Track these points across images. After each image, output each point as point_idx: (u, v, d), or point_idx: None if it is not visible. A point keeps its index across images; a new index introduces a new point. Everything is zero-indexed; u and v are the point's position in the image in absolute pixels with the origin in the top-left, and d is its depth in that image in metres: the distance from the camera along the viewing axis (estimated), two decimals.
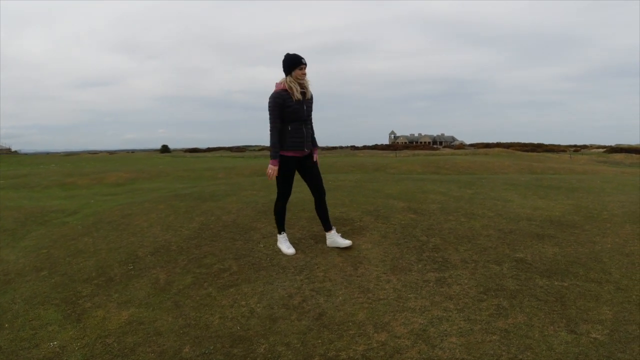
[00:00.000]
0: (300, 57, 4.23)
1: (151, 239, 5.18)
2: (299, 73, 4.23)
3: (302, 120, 4.30)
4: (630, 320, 3.14)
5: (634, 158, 48.47)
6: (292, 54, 4.25)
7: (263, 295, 3.69)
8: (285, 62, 4.25)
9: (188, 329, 3.33)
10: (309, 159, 4.48)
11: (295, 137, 4.30)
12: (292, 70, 4.22)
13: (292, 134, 4.28)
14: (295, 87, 4.23)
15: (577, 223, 5.20)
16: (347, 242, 4.50)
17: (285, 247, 4.51)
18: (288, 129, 4.27)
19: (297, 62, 4.22)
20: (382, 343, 2.97)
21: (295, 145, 4.30)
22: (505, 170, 22.42)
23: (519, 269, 3.93)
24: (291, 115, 4.23)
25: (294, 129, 4.28)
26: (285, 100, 4.20)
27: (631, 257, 4.18)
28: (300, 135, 4.31)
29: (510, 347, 2.85)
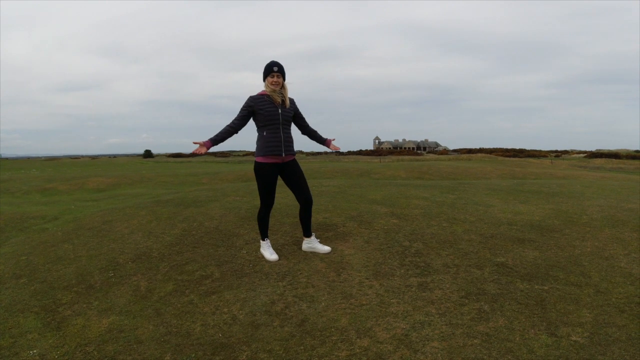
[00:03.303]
0: (272, 65, 4.20)
1: (132, 245, 5.12)
2: (270, 81, 4.20)
3: (276, 124, 4.22)
4: (610, 322, 3.18)
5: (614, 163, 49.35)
6: (269, 62, 4.23)
7: (245, 302, 3.67)
8: (264, 69, 4.26)
9: (169, 337, 3.29)
10: (290, 165, 4.38)
11: (271, 141, 4.22)
12: (265, 78, 4.23)
13: (268, 138, 4.21)
14: (272, 92, 4.21)
15: (557, 227, 5.27)
16: (326, 248, 4.46)
17: (268, 253, 4.46)
18: (264, 134, 4.22)
19: (267, 70, 4.22)
20: (364, 349, 2.97)
21: (271, 150, 4.22)
22: (487, 176, 22.65)
23: (500, 273, 3.97)
24: (265, 118, 4.17)
25: (270, 133, 4.21)
26: (257, 103, 4.18)
27: (610, 261, 4.25)
28: (276, 139, 4.23)
29: (492, 351, 2.87)
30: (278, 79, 4.21)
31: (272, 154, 4.23)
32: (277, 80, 4.20)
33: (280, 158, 4.28)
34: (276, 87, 4.21)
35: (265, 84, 4.23)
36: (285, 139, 4.29)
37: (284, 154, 4.28)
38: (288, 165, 4.37)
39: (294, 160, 4.44)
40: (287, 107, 4.29)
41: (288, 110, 4.31)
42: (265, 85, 4.24)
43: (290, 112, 4.33)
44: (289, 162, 4.37)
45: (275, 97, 4.20)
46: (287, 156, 4.32)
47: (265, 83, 4.24)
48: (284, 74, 4.27)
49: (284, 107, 4.26)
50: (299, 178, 4.38)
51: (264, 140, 4.22)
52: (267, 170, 4.27)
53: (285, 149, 4.29)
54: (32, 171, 34.44)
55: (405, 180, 16.10)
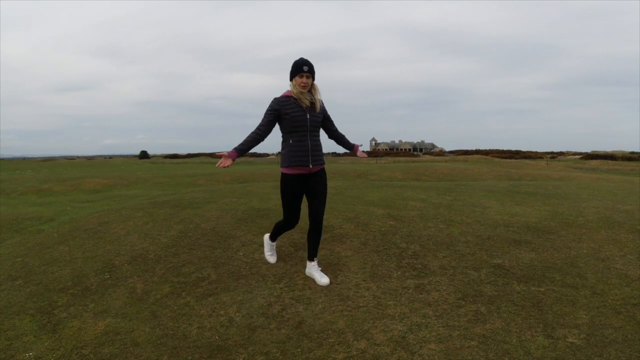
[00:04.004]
0: (302, 64, 3.74)
1: (128, 247, 5.10)
2: (299, 82, 3.75)
3: (304, 130, 3.78)
4: (606, 324, 3.19)
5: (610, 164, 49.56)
6: (298, 59, 3.79)
7: (242, 304, 3.66)
8: (291, 67, 3.82)
9: (165, 340, 3.28)
10: (316, 176, 3.93)
11: (298, 150, 3.79)
12: (293, 77, 3.79)
13: (294, 147, 3.78)
14: (299, 93, 3.78)
15: (553, 229, 5.29)
16: (324, 280, 3.91)
17: (269, 252, 4.33)
18: (289, 142, 3.80)
19: (296, 69, 3.76)
20: (361, 351, 2.97)
21: (298, 160, 3.79)
22: (483, 177, 22.71)
23: (497, 274, 3.98)
24: (291, 123, 3.75)
25: (296, 141, 3.78)
26: (283, 106, 3.75)
27: (606, 262, 4.26)
28: (303, 148, 3.79)
29: (488, 353, 2.87)
30: (307, 79, 3.77)
31: (298, 164, 3.80)
32: (307, 81, 3.77)
33: (307, 169, 3.85)
34: (305, 89, 3.78)
35: (292, 84, 3.80)
36: (313, 147, 3.85)
37: (311, 164, 3.84)
38: (314, 175, 3.94)
39: (322, 171, 4.00)
40: (317, 111, 3.87)
41: (317, 114, 3.87)
42: (291, 85, 3.81)
43: (319, 116, 3.89)
44: (316, 172, 3.94)
45: (303, 100, 3.77)
46: (315, 166, 3.89)
47: (292, 83, 3.80)
48: (313, 75, 3.82)
49: (312, 110, 3.83)
50: (319, 193, 3.94)
51: (290, 148, 3.81)
52: (292, 183, 3.86)
53: (313, 158, 3.85)
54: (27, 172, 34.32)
55: (401, 181, 16.12)
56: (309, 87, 3.80)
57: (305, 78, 3.75)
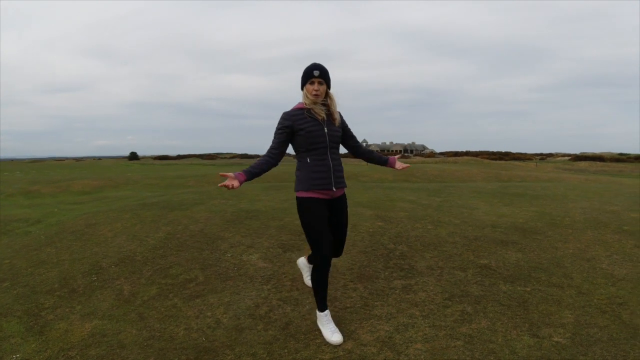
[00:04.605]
0: (312, 69, 3.17)
1: (116, 249, 5.07)
2: (310, 90, 3.17)
3: (322, 147, 3.18)
4: (592, 323, 3.21)
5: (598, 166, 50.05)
6: (309, 65, 3.22)
7: (229, 305, 3.65)
8: (302, 75, 3.25)
9: (152, 341, 3.27)
10: (338, 202, 3.30)
11: (318, 171, 3.18)
12: (304, 84, 3.21)
13: (313, 167, 3.17)
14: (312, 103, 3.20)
15: (540, 229, 5.33)
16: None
17: (328, 331, 3.17)
18: (307, 162, 3.19)
19: (306, 75, 3.19)
20: (348, 351, 2.97)
21: (320, 183, 3.17)
22: (473, 178, 22.83)
23: (483, 274, 4.00)
24: (307, 139, 3.15)
25: (315, 160, 3.17)
26: (296, 120, 3.16)
27: (592, 262, 4.30)
28: (324, 168, 3.18)
29: (474, 352, 2.89)
30: (320, 86, 3.18)
31: (320, 187, 3.18)
32: (319, 88, 3.18)
33: (329, 193, 3.23)
34: (317, 98, 3.19)
35: (304, 94, 3.22)
36: (335, 167, 3.24)
37: (334, 187, 3.22)
38: (337, 203, 3.31)
39: (344, 196, 3.40)
40: (336, 125, 3.28)
41: (336, 128, 3.28)
42: (303, 95, 3.23)
43: (338, 130, 3.30)
44: (339, 198, 3.32)
45: (317, 112, 3.19)
46: (337, 189, 3.26)
47: (303, 93, 3.23)
48: (328, 80, 3.23)
49: (330, 124, 3.25)
50: (343, 225, 3.36)
51: (308, 169, 3.18)
52: (315, 204, 3.18)
53: (336, 180, 3.23)
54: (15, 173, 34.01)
55: (391, 183, 16.18)
56: (322, 95, 3.21)
57: (317, 84, 3.17)
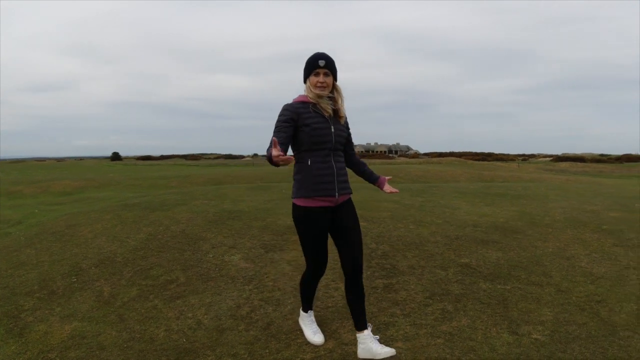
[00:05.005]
0: (317, 58, 2.83)
1: (96, 250, 5.02)
2: (314, 82, 2.82)
3: (327, 147, 2.83)
4: (570, 320, 3.26)
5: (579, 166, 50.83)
6: (313, 54, 2.87)
7: (211, 306, 3.63)
8: (304, 66, 2.91)
9: (132, 343, 3.24)
10: (343, 209, 2.94)
11: (321, 175, 2.82)
12: (307, 76, 2.87)
13: (315, 170, 2.81)
14: (317, 97, 2.84)
15: (521, 228, 5.39)
16: (387, 350, 2.82)
17: (310, 331, 3.15)
18: (307, 163, 2.82)
19: (310, 65, 2.85)
20: (329, 350, 2.98)
21: (322, 188, 2.81)
22: (456, 179, 23.01)
23: (464, 273, 4.04)
24: (310, 138, 2.78)
25: (317, 162, 2.82)
26: (301, 114, 2.79)
27: (571, 260, 4.36)
28: (328, 171, 2.83)
29: (454, 350, 2.91)
30: (326, 78, 2.83)
31: (322, 194, 2.81)
32: (325, 80, 2.83)
33: (332, 200, 2.86)
34: (323, 91, 2.84)
35: (307, 88, 2.87)
36: (338, 170, 2.89)
37: (337, 194, 2.86)
38: (341, 208, 2.94)
39: (350, 201, 3.01)
40: (342, 123, 2.96)
41: (343, 127, 2.95)
42: (306, 89, 2.88)
43: (344, 130, 2.96)
44: (343, 204, 2.95)
45: (324, 106, 2.84)
46: (341, 196, 2.90)
47: (306, 86, 2.88)
48: (334, 71, 2.88)
49: (337, 121, 2.91)
50: (351, 228, 2.94)
51: (308, 172, 2.82)
52: (315, 218, 2.85)
53: (340, 185, 2.87)
54: None
55: None
56: (329, 88, 2.86)
57: (323, 76, 2.82)
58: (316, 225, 2.86)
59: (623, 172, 42.98)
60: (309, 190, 2.81)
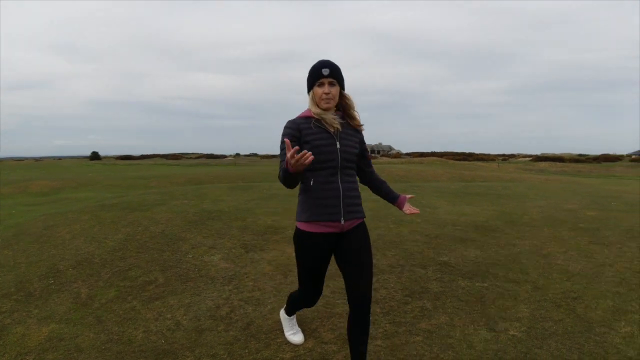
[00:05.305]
0: (320, 67, 2.51)
1: (73, 251, 4.94)
2: (319, 93, 2.50)
3: (332, 167, 2.49)
4: (547, 317, 3.31)
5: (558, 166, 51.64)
6: (316, 62, 2.55)
7: (190, 307, 3.60)
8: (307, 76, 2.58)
9: (110, 345, 3.20)
10: (352, 236, 2.55)
11: (323, 197, 2.48)
12: (311, 87, 2.54)
13: (317, 191, 2.48)
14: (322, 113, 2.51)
15: (499, 227, 5.46)
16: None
17: (290, 331, 3.09)
18: (310, 184, 2.50)
19: (313, 75, 2.53)
20: (309, 350, 2.97)
21: (324, 213, 2.47)
22: (438, 179, 23.20)
23: (443, 271, 4.07)
24: (314, 155, 2.25)
25: (321, 183, 2.48)
26: (303, 130, 2.49)
27: (548, 258, 4.43)
28: (332, 194, 2.48)
29: (433, 347, 2.93)
30: (332, 88, 2.51)
31: (325, 218, 2.47)
32: (330, 90, 2.50)
33: (337, 225, 2.50)
34: (329, 103, 2.52)
35: (310, 100, 2.55)
36: (346, 191, 2.52)
37: (343, 220, 2.50)
38: (350, 234, 2.56)
39: (362, 227, 2.63)
40: (352, 139, 2.60)
41: (352, 143, 2.58)
42: (310, 102, 2.56)
43: (354, 146, 2.60)
44: (352, 231, 2.57)
45: (330, 121, 2.51)
46: (348, 222, 2.52)
47: (310, 97, 2.56)
48: (340, 79, 2.56)
49: (345, 136, 2.56)
50: (360, 259, 2.53)
51: (311, 194, 2.50)
52: (314, 244, 2.52)
53: (347, 209, 2.52)
54: None
55: None
56: (335, 99, 2.54)
57: (328, 86, 2.50)
58: (315, 252, 2.54)
59: (601, 172, 43.82)
60: (310, 214, 2.49)
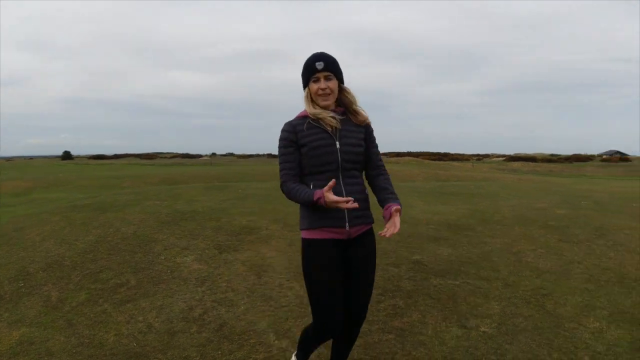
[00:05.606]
0: (314, 60, 2.32)
1: (44, 253, 4.85)
2: (315, 89, 2.31)
3: (332, 169, 2.28)
4: (517, 313, 3.38)
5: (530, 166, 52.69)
6: (309, 56, 2.36)
7: (162, 309, 3.57)
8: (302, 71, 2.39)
9: (81, 348, 3.15)
10: (358, 246, 2.34)
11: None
12: (306, 84, 2.36)
13: None
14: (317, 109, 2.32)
15: (472, 226, 5.54)
16: None
17: None
18: (310, 188, 2.28)
19: (307, 69, 2.34)
20: (282, 349, 2.98)
21: (327, 218, 2.25)
22: (413, 178, 23.44)
23: (416, 270, 4.12)
24: (309, 159, 2.26)
25: (319, 187, 2.23)
26: (299, 132, 2.30)
27: (518, 256, 4.51)
28: None
29: (405, 345, 2.97)
30: (328, 82, 2.31)
31: (328, 224, 2.26)
32: (327, 85, 2.31)
33: (343, 231, 2.28)
34: (326, 100, 2.33)
35: (305, 98, 2.37)
36: (350, 194, 2.27)
37: (348, 225, 2.27)
38: (357, 242, 2.34)
39: (369, 234, 2.41)
40: (353, 134, 2.36)
41: (355, 141, 2.33)
42: (305, 99, 2.37)
43: (358, 145, 2.34)
44: (359, 238, 2.34)
45: (327, 119, 2.30)
46: (354, 227, 2.30)
47: (305, 95, 2.37)
48: (338, 72, 2.36)
49: (346, 134, 2.33)
50: (366, 266, 2.38)
51: None
52: (322, 250, 2.27)
53: (352, 214, 2.27)
54: None
55: None
56: (333, 94, 2.35)
57: (324, 81, 2.31)
58: (324, 260, 2.26)
59: (572, 172, 44.87)
60: (312, 221, 2.28)
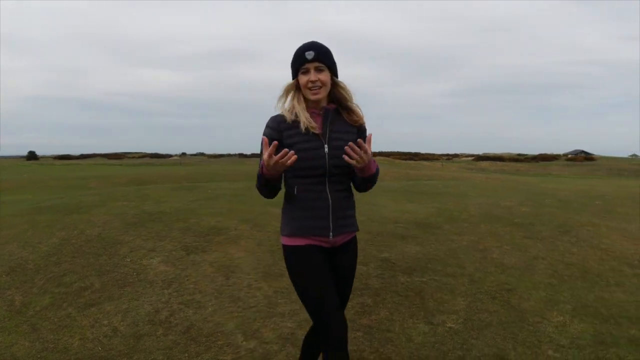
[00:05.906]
0: (304, 50, 2.10)
1: (6, 257, 4.71)
2: (304, 82, 2.09)
3: (318, 175, 2.11)
4: (482, 309, 3.45)
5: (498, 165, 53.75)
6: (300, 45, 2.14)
7: (127, 312, 3.51)
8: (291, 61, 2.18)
9: (46, 353, 3.09)
10: (343, 255, 2.24)
11: (309, 208, 2.13)
12: (295, 75, 2.14)
13: (303, 201, 2.14)
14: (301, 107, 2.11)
15: (439, 224, 5.62)
16: None
17: None
18: (293, 192, 2.17)
19: (297, 60, 2.13)
20: (250, 350, 2.97)
21: (309, 226, 2.13)
22: (383, 178, 23.57)
23: (384, 268, 4.16)
24: (295, 161, 1.94)
25: (306, 191, 2.13)
26: (282, 131, 2.11)
27: (484, 253, 4.61)
28: (320, 204, 2.13)
29: (373, 342, 3.00)
30: (319, 74, 2.09)
31: (311, 232, 2.13)
32: (317, 78, 2.09)
33: (325, 240, 2.16)
34: (317, 95, 2.11)
35: (286, 90, 2.19)
36: (336, 201, 2.16)
37: (332, 233, 2.15)
38: (340, 252, 2.23)
39: (353, 243, 2.30)
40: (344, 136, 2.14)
41: (344, 144, 1.98)
42: (284, 91, 2.19)
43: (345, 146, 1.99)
44: (343, 247, 2.24)
45: (302, 121, 2.08)
46: (339, 236, 2.19)
47: (285, 86, 2.19)
48: (331, 63, 2.14)
49: (335, 137, 2.14)
50: (345, 276, 2.27)
51: (295, 205, 2.17)
52: (306, 253, 2.13)
53: (337, 222, 2.16)
54: None
55: None
56: (326, 88, 2.13)
57: (314, 73, 2.08)
58: (308, 259, 2.12)
59: (538, 171, 45.95)
60: (293, 228, 2.15)
